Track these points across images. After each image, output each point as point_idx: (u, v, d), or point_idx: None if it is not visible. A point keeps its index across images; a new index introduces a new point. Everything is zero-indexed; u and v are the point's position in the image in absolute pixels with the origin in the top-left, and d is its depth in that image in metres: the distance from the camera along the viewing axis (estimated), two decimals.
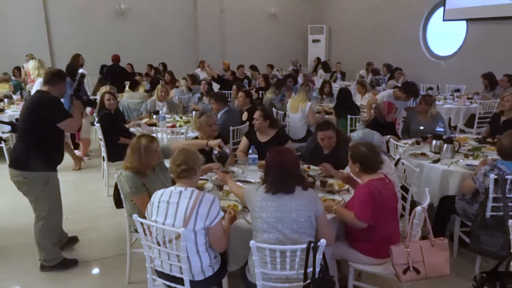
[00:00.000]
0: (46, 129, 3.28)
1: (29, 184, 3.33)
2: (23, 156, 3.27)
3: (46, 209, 3.42)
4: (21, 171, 3.27)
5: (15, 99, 7.55)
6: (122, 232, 3.90)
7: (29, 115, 3.28)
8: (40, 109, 3.25)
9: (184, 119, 5.96)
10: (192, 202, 2.41)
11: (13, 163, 3.32)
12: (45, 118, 3.24)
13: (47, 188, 3.40)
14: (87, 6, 11.44)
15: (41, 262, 3.53)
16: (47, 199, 3.43)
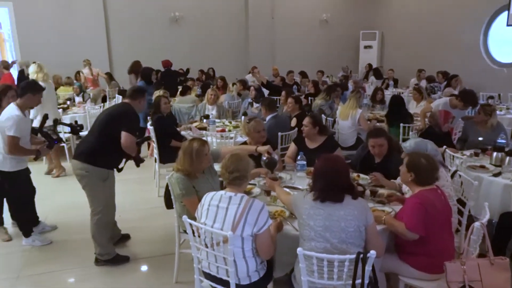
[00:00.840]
0: (116, 132, 3.46)
1: (89, 178, 3.52)
2: (90, 150, 3.49)
3: (101, 205, 3.60)
4: (84, 164, 3.47)
5: (77, 102, 8.02)
6: (171, 232, 4.00)
7: (107, 117, 3.55)
8: (119, 117, 3.50)
9: (233, 124, 6.05)
10: (241, 209, 2.43)
11: (78, 155, 3.54)
12: (119, 125, 3.46)
13: (104, 185, 3.59)
14: (144, 14, 11.94)
15: (96, 256, 3.71)
16: (103, 196, 3.61)
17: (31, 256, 3.92)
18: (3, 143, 3.71)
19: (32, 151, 3.88)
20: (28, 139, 3.89)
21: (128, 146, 3.47)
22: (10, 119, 3.62)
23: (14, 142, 3.64)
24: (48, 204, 4.88)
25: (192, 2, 12.33)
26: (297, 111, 5.77)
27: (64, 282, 3.55)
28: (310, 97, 8.06)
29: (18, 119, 3.65)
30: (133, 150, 3.55)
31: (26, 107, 3.87)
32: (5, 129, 3.63)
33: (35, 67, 6.38)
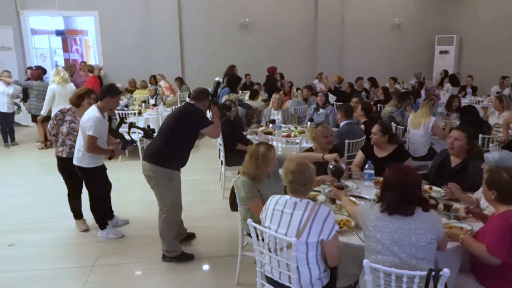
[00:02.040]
0: (186, 134, 3.69)
1: (157, 179, 3.69)
2: (158, 152, 3.67)
3: (169, 203, 3.76)
4: (152, 165, 3.65)
5: (151, 104, 8.47)
6: (235, 234, 4.06)
7: (176, 119, 3.71)
8: (187, 117, 3.66)
9: (299, 129, 6.01)
10: (306, 215, 2.40)
11: (147, 156, 3.72)
12: (190, 124, 3.66)
13: (171, 185, 3.74)
14: (215, 20, 12.34)
15: (164, 252, 3.87)
16: (170, 195, 3.77)
17: (105, 247, 4.18)
18: (83, 141, 4.01)
19: (108, 151, 4.16)
20: (105, 139, 4.17)
21: (216, 133, 3.84)
22: (90, 120, 3.91)
23: (93, 141, 3.92)
24: (121, 200, 5.19)
25: (262, 8, 12.51)
26: (365, 118, 5.60)
27: (133, 274, 3.75)
28: (379, 104, 7.80)
29: (98, 120, 3.93)
30: (219, 129, 3.87)
31: (106, 109, 4.13)
32: (85, 128, 3.92)
33: (54, 71, 7.19)
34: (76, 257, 4.01)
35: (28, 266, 3.83)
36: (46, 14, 12.33)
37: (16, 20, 11.29)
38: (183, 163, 3.85)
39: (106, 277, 3.67)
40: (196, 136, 3.81)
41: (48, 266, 3.84)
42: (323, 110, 6.73)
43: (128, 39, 11.85)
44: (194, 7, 12.14)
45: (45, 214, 4.99)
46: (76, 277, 3.63)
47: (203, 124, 3.69)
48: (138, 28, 11.87)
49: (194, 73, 12.18)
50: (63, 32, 14.54)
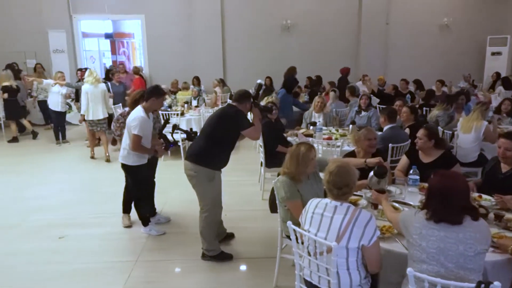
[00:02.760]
0: (227, 135, 3.75)
1: (198, 178, 3.75)
2: (200, 152, 3.74)
3: (209, 203, 3.82)
4: (193, 165, 3.72)
5: (193, 105, 8.65)
6: (273, 236, 4.07)
7: (217, 121, 3.76)
8: (229, 118, 3.71)
9: (340, 132, 5.92)
10: (347, 219, 2.36)
11: (189, 156, 3.79)
12: (231, 126, 3.70)
13: (211, 184, 3.79)
14: (257, 22, 12.40)
15: (203, 251, 3.94)
16: (211, 195, 3.82)
17: (148, 243, 4.31)
18: (129, 140, 4.15)
19: (151, 150, 4.30)
20: (149, 139, 4.30)
21: (256, 135, 3.87)
22: (135, 120, 4.06)
23: (137, 140, 4.06)
24: (164, 198, 5.33)
25: (304, 9, 12.43)
26: (411, 121, 5.42)
27: (173, 271, 3.83)
28: (425, 107, 7.53)
29: (143, 120, 4.07)
30: (259, 131, 3.88)
31: (151, 109, 4.26)
32: (131, 128, 4.07)
33: (87, 72, 7.67)
34: (120, 252, 4.15)
35: (76, 259, 4.02)
36: (96, 18, 12.90)
37: (69, 24, 11.88)
38: (224, 164, 3.89)
39: (148, 272, 3.78)
40: (237, 137, 3.84)
41: (94, 259, 4.01)
42: (366, 113, 6.59)
43: (172, 42, 12.17)
44: (236, 10, 12.27)
45: (92, 210, 5.21)
46: (120, 271, 3.76)
47: (243, 126, 3.72)
48: (182, 31, 12.16)
49: (235, 75, 12.31)
50: (111, 35, 15.18)
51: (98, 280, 3.66)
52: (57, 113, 8.63)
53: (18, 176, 6.77)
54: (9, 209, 5.29)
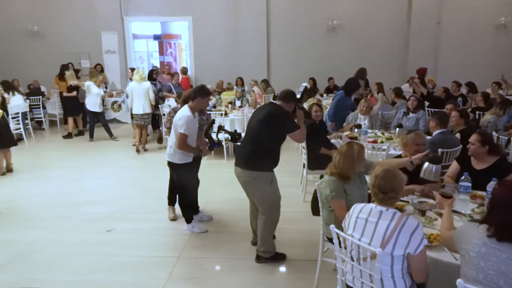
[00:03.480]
0: (276, 137, 3.67)
1: (256, 184, 3.70)
2: (253, 157, 3.66)
3: (269, 205, 3.78)
4: (249, 171, 3.66)
5: (237, 106, 8.74)
6: (314, 239, 4.04)
7: (264, 123, 3.63)
8: (275, 120, 3.61)
9: (386, 135, 5.76)
10: (392, 226, 2.28)
11: (243, 164, 3.72)
12: (278, 128, 3.62)
13: (271, 187, 3.75)
14: (303, 23, 12.32)
15: (259, 253, 3.90)
16: (271, 197, 3.78)
17: (190, 240, 4.40)
18: (175, 138, 4.25)
19: (196, 149, 4.38)
20: (194, 138, 4.38)
21: (301, 138, 3.79)
22: (182, 119, 4.15)
23: (183, 139, 4.15)
24: (206, 197, 5.42)
25: (351, 9, 12.21)
26: (461, 126, 5.17)
27: (214, 269, 3.88)
28: (478, 111, 7.16)
29: (189, 119, 4.16)
30: (304, 134, 3.80)
31: (197, 109, 4.35)
32: (177, 126, 4.17)
33: (135, 71, 8.40)
34: (164, 247, 4.27)
35: (122, 252, 4.17)
36: (146, 20, 13.35)
37: (121, 26, 12.38)
38: (277, 162, 3.82)
39: (190, 269, 3.86)
40: (285, 137, 3.77)
41: (139, 253, 4.15)
42: (413, 115, 6.36)
43: (218, 42, 12.35)
44: (282, 11, 12.26)
45: (138, 205, 5.40)
46: (163, 266, 3.87)
47: (290, 128, 3.65)
48: (227, 32, 12.32)
49: (279, 76, 12.31)
50: (160, 36, 15.66)
51: (142, 273, 3.78)
52: (94, 113, 9.07)
53: (70, 170, 7.14)
54: (62, 202, 5.58)
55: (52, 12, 12.26)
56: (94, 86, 8.90)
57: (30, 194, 5.93)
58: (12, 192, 5.99)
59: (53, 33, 12.37)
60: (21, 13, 12.30)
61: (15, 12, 12.33)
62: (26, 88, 11.01)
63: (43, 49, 12.37)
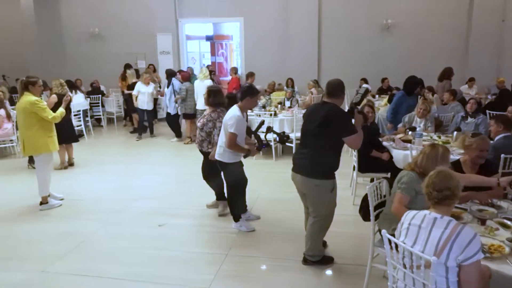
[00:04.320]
0: (336, 139, 3.46)
1: (318, 191, 3.57)
2: (314, 165, 3.51)
3: (326, 212, 3.69)
4: (313, 179, 3.53)
5: (286, 106, 8.73)
6: (363, 243, 3.96)
7: (321, 127, 3.43)
8: (330, 121, 3.40)
9: (443, 139, 5.49)
10: (447, 234, 2.17)
11: (303, 171, 3.58)
12: (336, 132, 3.41)
13: (331, 195, 3.62)
14: (356, 23, 12.05)
15: (306, 256, 3.85)
16: (328, 205, 3.66)
17: (238, 239, 4.45)
18: (225, 138, 4.32)
19: (245, 149, 4.41)
20: (243, 138, 4.42)
21: (357, 143, 3.55)
22: (232, 118, 4.21)
23: (233, 138, 4.21)
24: (254, 196, 5.45)
25: (407, 7, 11.77)
26: None
27: (261, 269, 3.89)
28: None
29: (239, 119, 4.21)
30: (361, 140, 3.55)
31: (246, 109, 4.41)
32: (227, 126, 4.23)
33: (200, 70, 9.14)
34: (212, 245, 4.34)
35: (172, 246, 4.30)
36: (199, 21, 13.68)
37: (175, 27, 12.77)
38: (338, 167, 3.68)
39: (237, 267, 3.89)
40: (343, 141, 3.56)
41: (188, 249, 4.25)
42: (472, 120, 6.02)
43: (269, 43, 12.39)
44: (334, 10, 12.08)
45: (188, 202, 5.53)
46: (211, 263, 3.94)
47: (347, 132, 3.41)
48: (278, 32, 12.32)
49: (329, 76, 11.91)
50: (212, 37, 15.97)
51: (190, 268, 3.87)
52: (144, 111, 9.40)
53: (125, 166, 7.48)
54: (117, 196, 5.85)
55: (112, 16, 12.91)
56: (142, 84, 9.23)
57: (89, 187, 6.27)
58: (73, 185, 6.37)
59: (113, 35, 13.03)
60: (85, 16, 13.06)
61: (79, 16, 13.12)
62: (89, 87, 11.65)
63: (103, 50, 13.07)
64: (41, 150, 5.24)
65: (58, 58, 13.21)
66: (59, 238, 4.53)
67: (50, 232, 4.69)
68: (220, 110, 4.75)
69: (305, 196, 3.72)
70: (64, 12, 13.33)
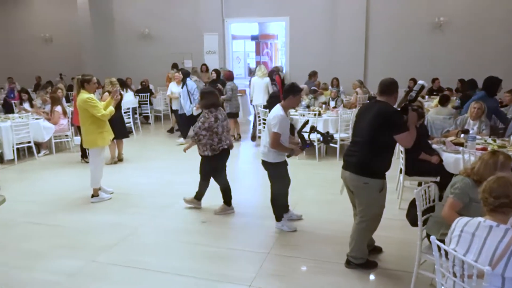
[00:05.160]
0: (386, 138, 3.39)
1: (367, 190, 3.50)
2: (364, 163, 3.46)
3: (374, 213, 3.60)
4: (361, 177, 3.48)
5: (331, 106, 8.61)
6: (408, 249, 3.84)
7: (372, 125, 3.40)
8: (382, 119, 3.36)
9: (499, 143, 5.19)
10: (504, 244, 2.06)
11: (353, 168, 3.53)
12: (387, 129, 3.35)
13: (380, 195, 3.54)
14: (405, 20, 11.66)
15: (350, 258, 3.76)
16: (376, 206, 3.58)
17: (280, 238, 4.44)
18: (269, 138, 4.31)
19: (288, 149, 4.37)
20: (286, 138, 4.38)
21: (408, 142, 3.45)
22: (276, 118, 4.19)
23: (277, 138, 4.19)
24: (297, 196, 5.41)
25: (461, 4, 11.26)
26: None
27: (302, 269, 3.87)
28: None
29: (282, 118, 4.19)
30: (413, 138, 3.46)
31: (289, 107, 4.37)
32: (271, 126, 4.23)
33: (257, 68, 9.42)
34: (254, 243, 4.36)
35: (215, 243, 4.37)
36: (245, 21, 13.82)
37: (221, 27, 12.96)
38: (389, 167, 3.60)
39: (279, 266, 3.89)
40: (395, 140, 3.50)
41: (230, 245, 4.30)
42: None
43: (314, 42, 12.28)
44: (383, 8, 11.77)
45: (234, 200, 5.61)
46: (253, 261, 3.96)
47: (398, 130, 3.33)
48: (324, 31, 12.19)
49: (376, 76, 11.69)
50: (257, 36, 16.09)
51: (232, 265, 3.92)
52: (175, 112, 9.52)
53: (171, 162, 7.69)
54: (163, 191, 6.03)
55: (161, 16, 13.33)
56: (174, 84, 9.37)
57: (137, 182, 6.51)
58: (122, 179, 6.63)
59: (162, 35, 13.46)
60: (136, 17, 13.59)
61: (131, 17, 13.66)
62: (139, 85, 12.07)
63: (152, 50, 13.53)
64: (91, 144, 5.51)
65: (110, 58, 13.83)
66: (108, 229, 4.74)
67: (100, 223, 4.91)
68: (210, 111, 4.82)
69: (354, 194, 3.66)
70: (117, 14, 13.93)
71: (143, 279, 3.71)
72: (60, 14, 14.98)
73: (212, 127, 4.76)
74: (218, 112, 4.87)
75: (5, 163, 7.64)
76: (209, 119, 4.76)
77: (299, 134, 4.45)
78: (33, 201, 5.64)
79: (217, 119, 4.81)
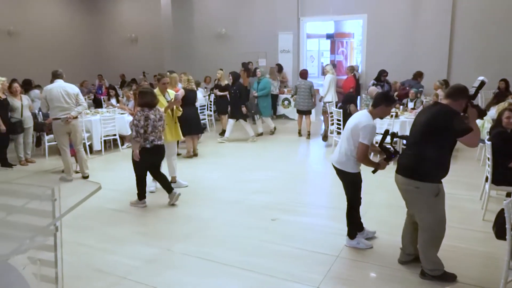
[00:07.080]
0: (443, 140, 3.28)
1: (419, 194, 3.37)
2: (416, 166, 3.36)
3: (432, 220, 3.41)
4: (411, 180, 3.36)
5: (409, 108, 8.20)
6: (493, 264, 3.59)
7: (427, 126, 3.32)
8: (441, 121, 3.24)
9: None
10: None
11: (404, 171, 3.44)
12: (447, 131, 3.22)
13: (436, 200, 3.36)
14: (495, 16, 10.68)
15: (425, 270, 3.55)
16: (434, 212, 3.40)
17: None
18: (353, 147, 3.82)
19: (375, 163, 3.90)
20: None
21: (474, 141, 3.27)
22: (366, 128, 3.70)
23: (365, 150, 3.75)
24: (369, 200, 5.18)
25: None
26: None
27: (369, 276, 3.76)
28: None
29: (373, 129, 3.76)
30: (478, 137, 3.27)
31: (378, 116, 3.91)
32: (360, 135, 3.73)
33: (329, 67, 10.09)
34: (322, 244, 4.29)
35: (283, 241, 4.38)
36: (321, 19, 13.63)
37: (296, 26, 12.92)
38: (447, 172, 3.41)
39: (348, 271, 3.80)
40: (455, 142, 3.33)
41: (298, 245, 4.28)
42: None
43: (393, 40, 11.75)
44: (472, 4, 10.89)
45: (301, 200, 5.60)
46: (322, 263, 3.90)
47: (461, 132, 3.17)
48: (404, 29, 11.60)
49: (461, 76, 10.93)
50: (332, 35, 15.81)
51: (300, 265, 3.89)
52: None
53: (242, 159, 7.86)
54: (234, 187, 6.18)
55: (237, 16, 13.64)
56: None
57: (209, 177, 6.75)
58: (195, 173, 6.91)
59: (237, 35, 13.77)
60: (215, 17, 14.06)
61: (210, 17, 14.17)
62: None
63: (228, 49, 13.89)
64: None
65: (189, 57, 14.47)
66: (183, 220, 4.99)
67: (175, 215, 5.18)
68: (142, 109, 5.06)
69: (408, 202, 3.51)
70: (196, 14, 14.51)
71: (212, 271, 3.83)
72: (145, 16, 16.00)
73: (139, 125, 5.01)
74: (151, 112, 5.10)
75: (94, 153, 8.35)
76: (140, 117, 5.03)
77: (381, 146, 3.95)
78: (117, 189, 6.09)
79: (148, 118, 5.04)
